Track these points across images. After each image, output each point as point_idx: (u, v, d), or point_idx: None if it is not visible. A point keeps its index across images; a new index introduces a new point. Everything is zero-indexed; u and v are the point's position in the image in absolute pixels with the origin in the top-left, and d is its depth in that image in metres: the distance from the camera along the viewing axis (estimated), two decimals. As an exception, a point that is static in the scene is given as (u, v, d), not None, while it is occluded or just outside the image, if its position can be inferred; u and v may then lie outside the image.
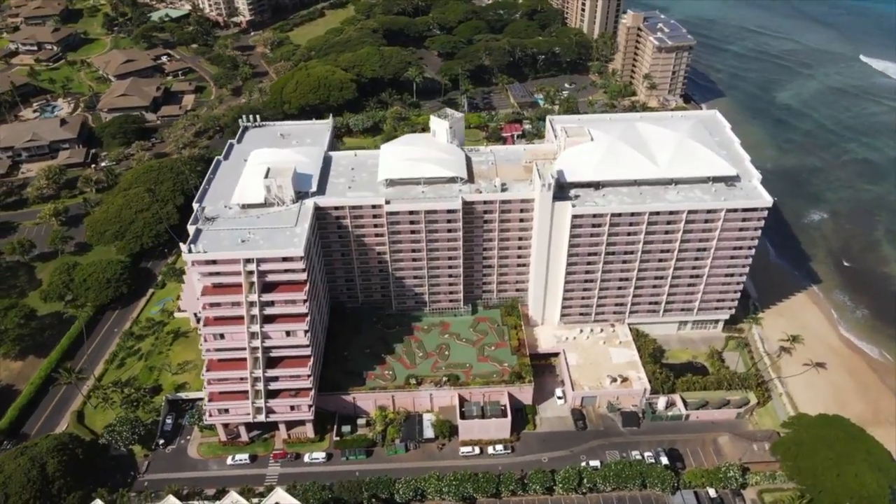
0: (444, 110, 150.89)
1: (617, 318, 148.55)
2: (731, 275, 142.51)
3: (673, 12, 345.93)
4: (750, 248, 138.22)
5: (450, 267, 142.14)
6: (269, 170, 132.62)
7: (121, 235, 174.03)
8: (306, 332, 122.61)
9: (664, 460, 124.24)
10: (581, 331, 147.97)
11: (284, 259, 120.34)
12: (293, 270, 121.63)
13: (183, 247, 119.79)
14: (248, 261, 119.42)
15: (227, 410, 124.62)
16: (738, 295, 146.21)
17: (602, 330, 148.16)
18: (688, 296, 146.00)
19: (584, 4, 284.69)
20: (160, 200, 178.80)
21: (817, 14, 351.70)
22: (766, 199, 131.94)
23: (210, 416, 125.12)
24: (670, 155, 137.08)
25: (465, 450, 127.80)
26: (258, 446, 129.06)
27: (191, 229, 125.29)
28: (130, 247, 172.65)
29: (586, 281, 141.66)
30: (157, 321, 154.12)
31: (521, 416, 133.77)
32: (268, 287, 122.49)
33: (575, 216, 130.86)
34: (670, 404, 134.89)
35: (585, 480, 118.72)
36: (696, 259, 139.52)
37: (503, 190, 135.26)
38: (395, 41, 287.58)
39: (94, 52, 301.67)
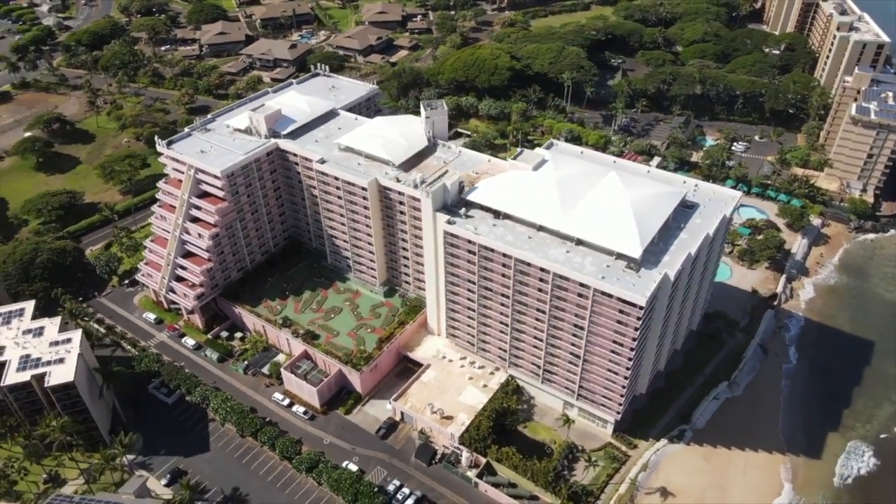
0: (433, 101, 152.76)
1: (501, 362, 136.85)
2: (615, 372, 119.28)
3: None
4: (630, 348, 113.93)
5: (368, 243, 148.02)
6: (262, 106, 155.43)
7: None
8: (210, 239, 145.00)
9: (408, 501, 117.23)
10: (463, 357, 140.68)
11: (216, 176, 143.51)
12: (216, 187, 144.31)
13: (158, 141, 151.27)
14: (190, 166, 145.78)
15: (150, 276, 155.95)
16: (622, 399, 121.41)
17: (482, 367, 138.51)
18: (568, 374, 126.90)
19: (830, 50, 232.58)
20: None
21: None
22: (641, 297, 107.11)
23: (141, 275, 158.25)
24: (588, 213, 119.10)
25: (278, 396, 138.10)
26: (170, 315, 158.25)
27: (186, 130, 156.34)
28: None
29: (469, 308, 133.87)
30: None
31: (345, 397, 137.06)
32: (201, 194, 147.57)
33: (446, 233, 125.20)
34: (474, 464, 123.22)
35: (320, 469, 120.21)
36: (574, 336, 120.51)
37: (416, 186, 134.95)
38: (613, 46, 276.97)
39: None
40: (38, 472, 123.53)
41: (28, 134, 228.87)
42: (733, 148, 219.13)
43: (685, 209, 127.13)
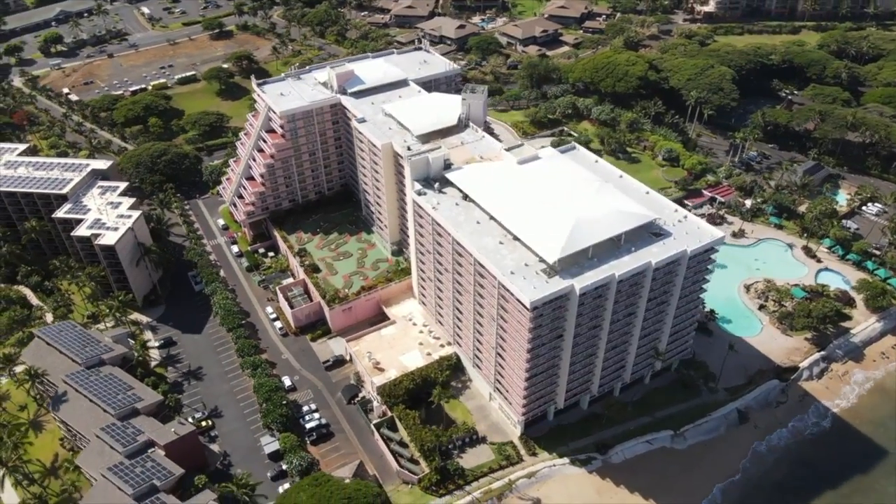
0: (475, 87, 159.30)
1: (450, 337, 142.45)
2: (517, 373, 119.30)
3: None
4: (527, 350, 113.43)
5: (386, 201, 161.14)
6: (342, 65, 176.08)
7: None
8: (265, 168, 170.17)
9: (311, 425, 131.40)
10: (426, 325, 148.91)
11: (278, 116, 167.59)
12: (279, 126, 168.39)
13: (253, 79, 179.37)
14: (266, 104, 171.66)
15: (225, 189, 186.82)
16: (522, 401, 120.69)
17: (438, 339, 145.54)
18: (488, 364, 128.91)
19: None
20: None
21: None
22: (529, 300, 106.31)
23: (221, 187, 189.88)
24: (535, 213, 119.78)
25: (269, 310, 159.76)
26: (235, 225, 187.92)
27: (282, 75, 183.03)
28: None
29: (429, 278, 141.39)
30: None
31: (319, 327, 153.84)
32: (269, 129, 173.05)
33: (414, 202, 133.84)
34: (382, 415, 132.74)
35: (257, 373, 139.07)
36: (493, 326, 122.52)
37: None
38: (789, 75, 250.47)
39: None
40: (84, 309, 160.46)
41: (225, 65, 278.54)
42: (864, 209, 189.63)
43: (653, 235, 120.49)
